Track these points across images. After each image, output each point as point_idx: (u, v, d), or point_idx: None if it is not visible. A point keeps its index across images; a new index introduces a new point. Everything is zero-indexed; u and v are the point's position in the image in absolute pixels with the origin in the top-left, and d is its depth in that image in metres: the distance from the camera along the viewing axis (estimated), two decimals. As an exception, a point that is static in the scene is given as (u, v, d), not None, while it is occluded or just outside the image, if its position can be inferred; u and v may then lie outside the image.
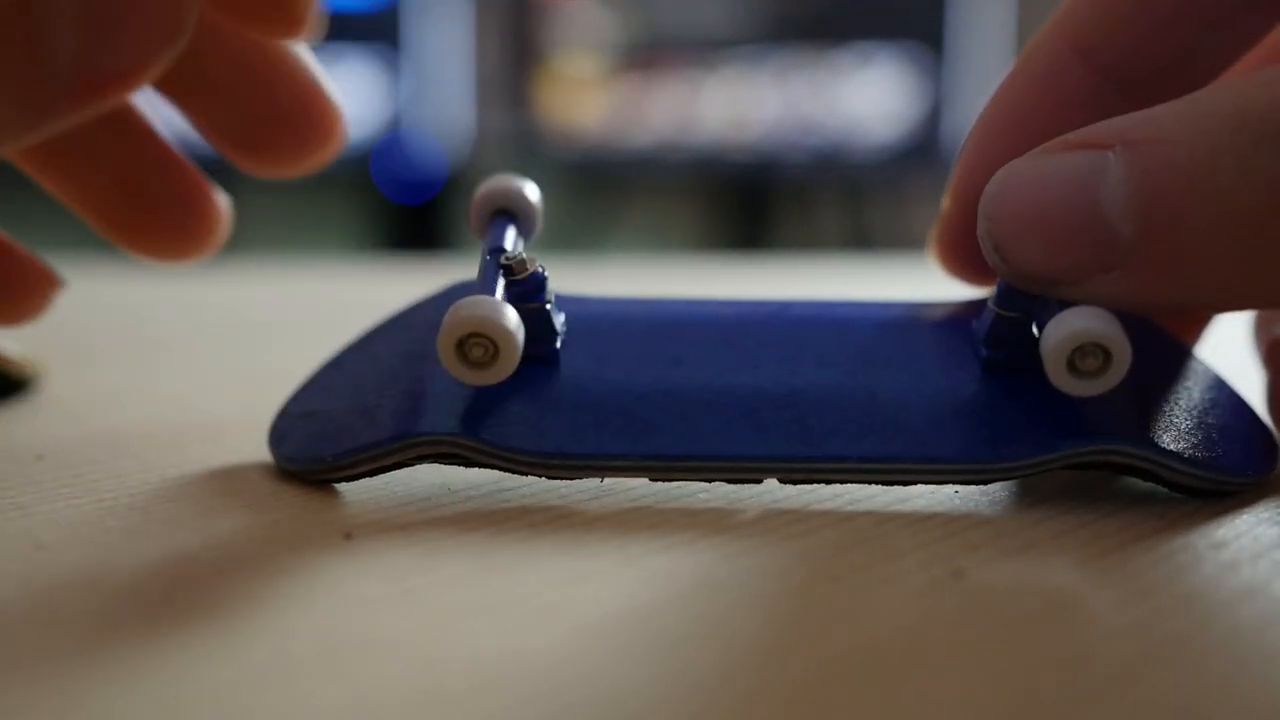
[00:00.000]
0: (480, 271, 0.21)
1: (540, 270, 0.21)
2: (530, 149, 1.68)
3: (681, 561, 0.17)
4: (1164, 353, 0.23)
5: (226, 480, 0.21)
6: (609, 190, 1.83)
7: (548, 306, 0.21)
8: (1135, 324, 0.22)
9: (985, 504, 0.20)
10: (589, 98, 1.77)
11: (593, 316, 0.22)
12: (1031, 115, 0.22)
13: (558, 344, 0.21)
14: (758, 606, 0.16)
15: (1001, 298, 0.20)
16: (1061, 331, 0.19)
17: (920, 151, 1.70)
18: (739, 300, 0.23)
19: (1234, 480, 0.20)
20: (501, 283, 0.20)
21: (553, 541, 0.18)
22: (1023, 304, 0.20)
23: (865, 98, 1.72)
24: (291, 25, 0.21)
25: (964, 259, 0.23)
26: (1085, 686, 0.14)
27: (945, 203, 0.23)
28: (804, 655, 0.14)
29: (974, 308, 0.22)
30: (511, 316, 0.19)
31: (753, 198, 1.84)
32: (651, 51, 1.77)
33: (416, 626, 0.15)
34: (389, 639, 0.15)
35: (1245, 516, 0.19)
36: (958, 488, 0.20)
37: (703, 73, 1.76)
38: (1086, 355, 0.19)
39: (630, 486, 0.20)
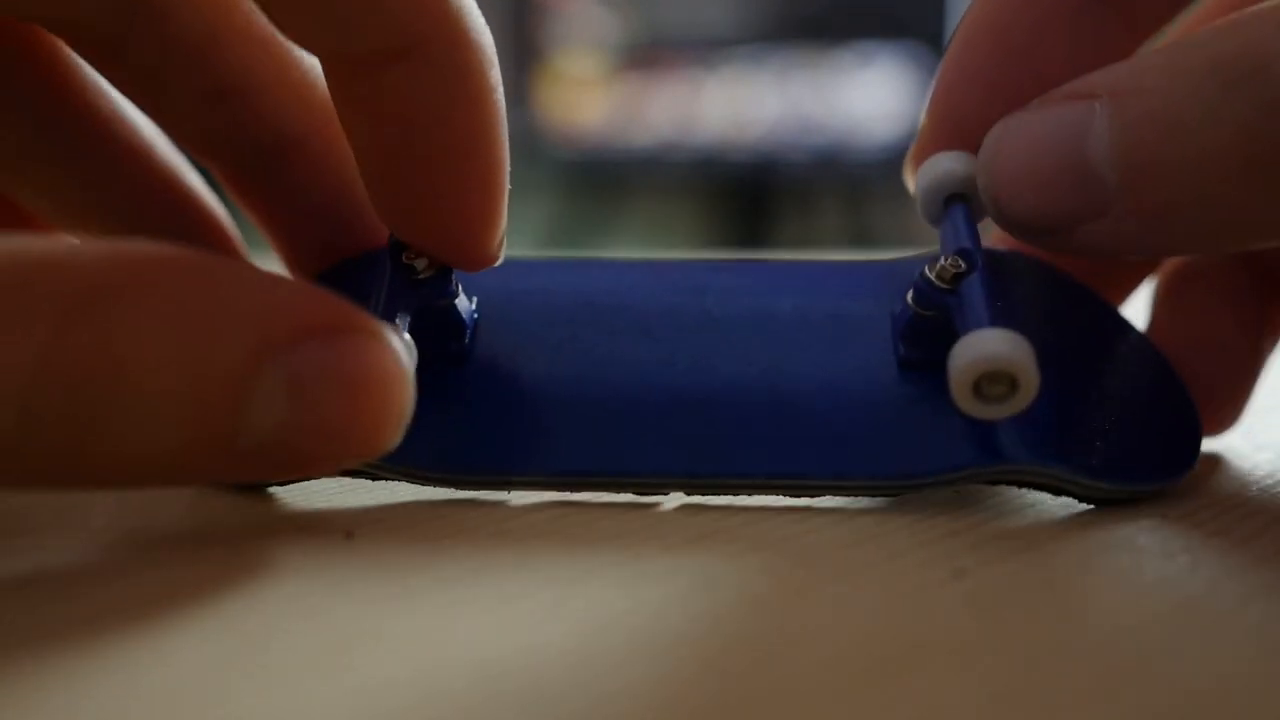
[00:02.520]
0: (382, 280, 0.20)
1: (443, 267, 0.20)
2: (531, 148, 1.68)
3: (681, 561, 0.17)
4: (1098, 327, 0.22)
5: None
6: (609, 190, 1.84)
7: (456, 302, 0.21)
8: (1072, 293, 0.22)
9: (985, 504, 0.20)
10: (590, 97, 1.78)
11: (509, 294, 0.22)
12: (1011, 29, 0.22)
13: (466, 339, 0.21)
14: (757, 606, 0.16)
15: (919, 296, 0.20)
16: (967, 357, 0.18)
17: (921, 151, 1.70)
18: (665, 264, 0.23)
19: (1147, 489, 0.20)
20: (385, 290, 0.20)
21: (553, 541, 0.18)
22: (939, 302, 0.20)
23: (866, 97, 1.72)
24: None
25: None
26: (1086, 686, 0.14)
27: (923, 120, 0.23)
28: (803, 655, 0.14)
29: (903, 269, 0.22)
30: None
31: (753, 197, 1.84)
32: (652, 51, 1.77)
33: (417, 626, 0.15)
34: (389, 638, 0.15)
35: (1247, 518, 0.19)
36: (958, 487, 0.20)
37: (703, 72, 1.76)
38: (993, 381, 0.19)
39: (630, 486, 0.20)
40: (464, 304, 0.21)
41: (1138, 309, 0.24)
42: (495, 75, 0.19)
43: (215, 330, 0.15)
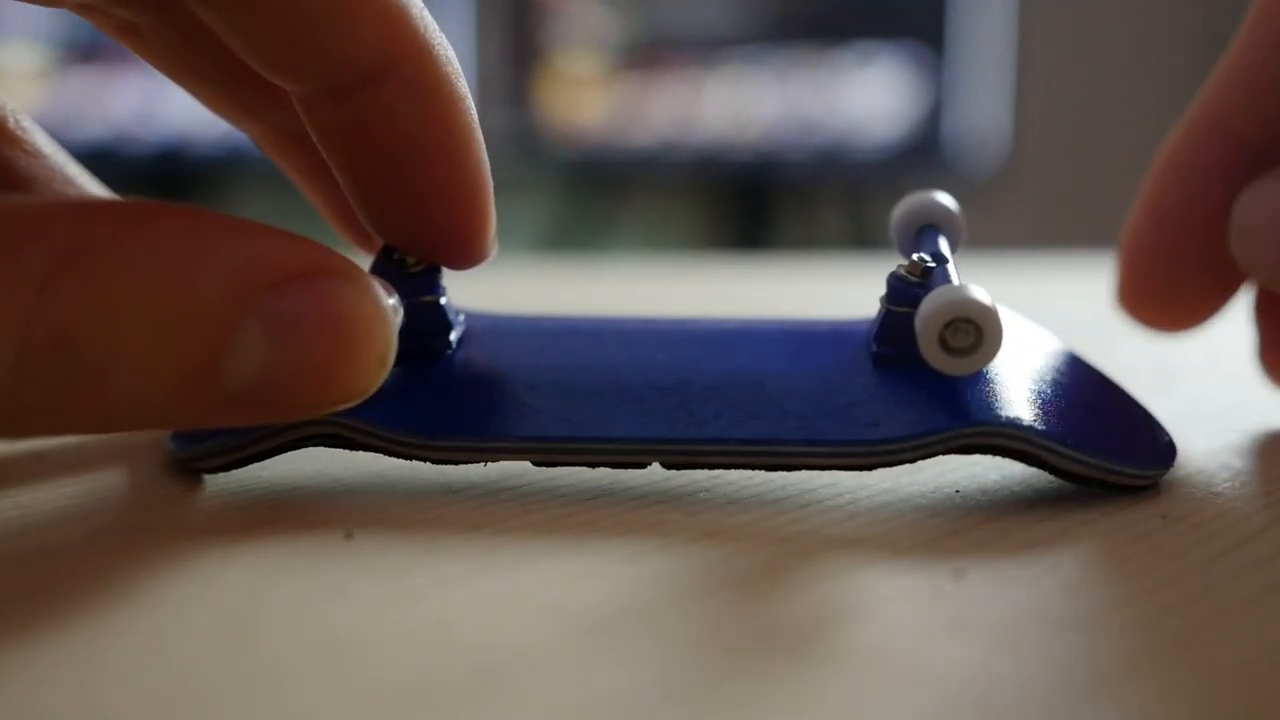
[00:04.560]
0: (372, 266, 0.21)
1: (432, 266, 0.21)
2: (530, 149, 1.68)
3: (681, 561, 0.17)
4: (1056, 359, 0.23)
5: (227, 480, 0.21)
6: (609, 190, 1.83)
7: (442, 301, 0.21)
8: (1049, 342, 0.23)
9: (985, 504, 0.20)
10: (589, 97, 1.77)
11: (495, 326, 0.23)
12: (1178, 188, 0.25)
13: (451, 337, 0.21)
14: (758, 606, 0.16)
15: (892, 294, 0.21)
16: (931, 307, 0.19)
17: (921, 151, 1.70)
18: (645, 317, 0.24)
19: (1124, 471, 0.20)
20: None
21: (553, 541, 0.18)
22: (911, 297, 0.20)
23: (865, 97, 1.72)
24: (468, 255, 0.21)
25: (1147, 305, 0.26)
26: (1086, 686, 0.14)
27: (1118, 263, 0.26)
28: (804, 655, 0.14)
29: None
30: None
31: (753, 197, 1.84)
32: (652, 51, 1.77)
33: (417, 626, 0.15)
34: (390, 638, 0.15)
35: (1250, 518, 0.19)
36: (959, 487, 0.20)
37: (703, 72, 1.76)
38: (958, 332, 0.19)
39: (630, 486, 0.20)
40: (451, 306, 0.22)
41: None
42: (463, 85, 0.20)
43: (195, 278, 0.16)
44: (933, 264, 0.21)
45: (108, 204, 0.17)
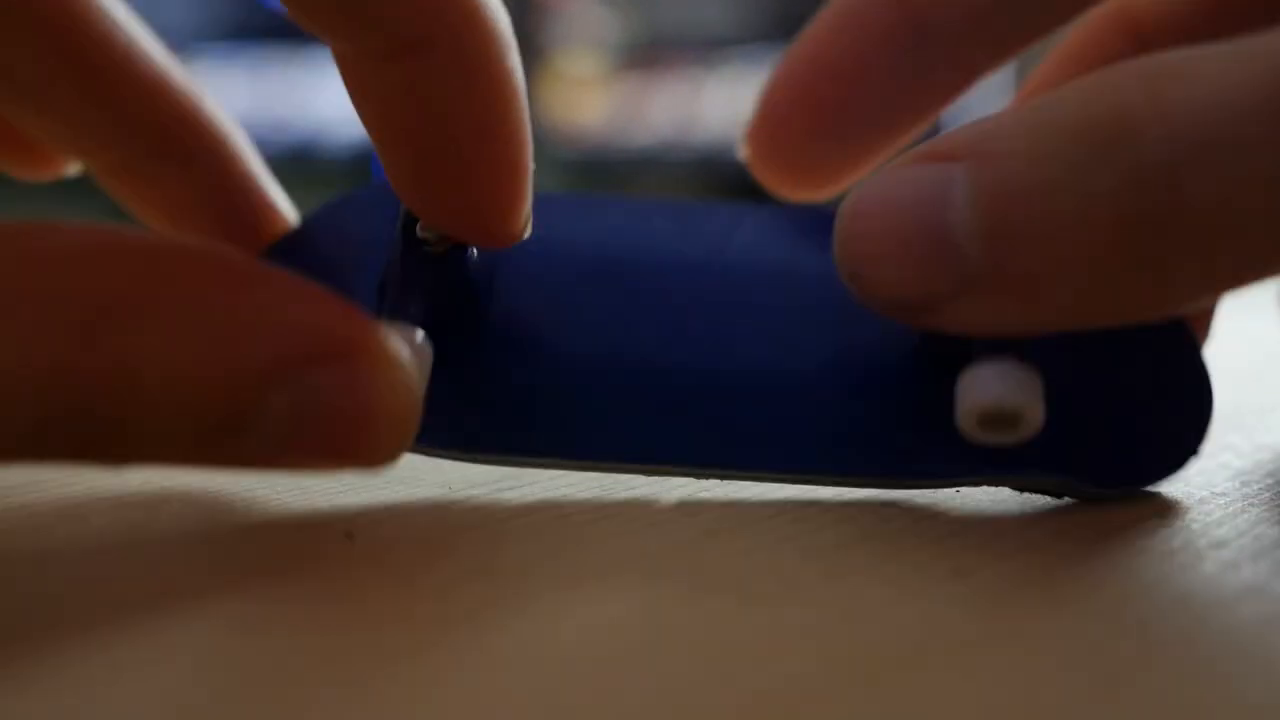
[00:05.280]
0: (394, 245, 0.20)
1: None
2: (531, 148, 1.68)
3: (682, 561, 0.17)
4: (1086, 366, 0.21)
5: (226, 481, 0.21)
6: (610, 189, 1.84)
7: (470, 273, 0.21)
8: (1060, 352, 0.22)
9: (985, 504, 0.20)
10: (590, 97, 1.78)
11: (530, 259, 0.22)
12: (836, 49, 0.23)
13: (480, 303, 0.21)
14: (758, 606, 0.16)
15: None
16: (969, 399, 0.18)
17: (921, 150, 1.71)
18: (689, 210, 0.23)
19: (1147, 484, 0.20)
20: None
21: (553, 541, 0.18)
22: None
23: (866, 97, 1.72)
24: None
25: (776, 157, 0.25)
26: (1086, 686, 0.14)
27: (758, 100, 0.24)
28: (805, 655, 0.14)
29: None
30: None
31: (753, 197, 1.84)
32: (653, 50, 1.77)
33: (416, 626, 0.15)
34: (389, 638, 0.15)
35: (1246, 516, 0.19)
36: (959, 487, 0.20)
37: (704, 71, 1.76)
38: (999, 417, 0.18)
39: (631, 485, 0.20)
40: (484, 275, 0.21)
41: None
42: (514, 59, 0.20)
43: (231, 346, 0.16)
44: None
45: (155, 249, 0.16)
